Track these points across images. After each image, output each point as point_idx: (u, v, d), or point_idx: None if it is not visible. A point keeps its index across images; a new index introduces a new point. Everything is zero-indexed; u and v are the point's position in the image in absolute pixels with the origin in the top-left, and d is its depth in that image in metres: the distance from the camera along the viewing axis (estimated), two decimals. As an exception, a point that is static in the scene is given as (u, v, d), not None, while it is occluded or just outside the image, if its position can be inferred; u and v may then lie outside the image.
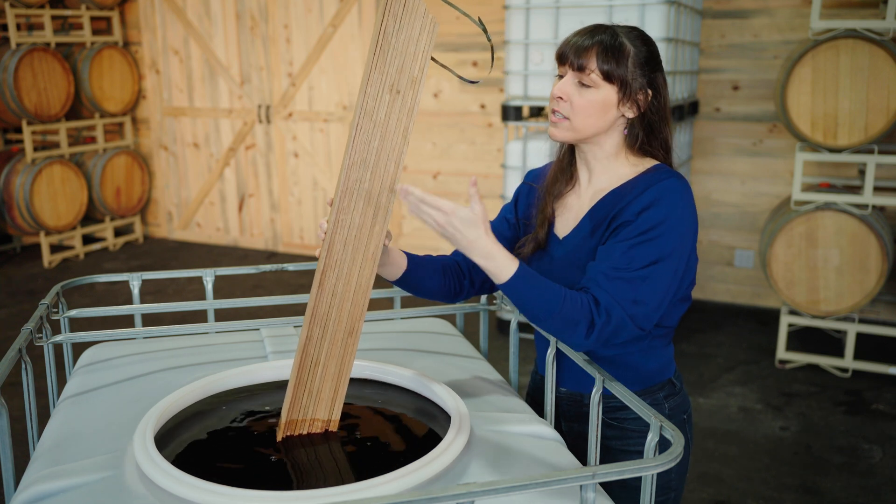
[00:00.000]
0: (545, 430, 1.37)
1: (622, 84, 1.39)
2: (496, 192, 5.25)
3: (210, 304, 1.87)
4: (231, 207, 6.54)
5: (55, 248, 6.35)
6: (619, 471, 1.02)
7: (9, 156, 6.06)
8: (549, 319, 1.31)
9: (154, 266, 5.97)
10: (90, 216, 6.50)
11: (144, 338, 1.86)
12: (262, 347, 1.77)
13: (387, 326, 1.93)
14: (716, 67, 4.75)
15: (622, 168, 1.47)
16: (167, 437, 1.33)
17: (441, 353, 1.76)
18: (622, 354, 1.48)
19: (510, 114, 4.11)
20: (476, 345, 2.39)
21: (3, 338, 4.43)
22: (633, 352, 1.49)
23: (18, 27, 5.91)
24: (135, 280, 1.90)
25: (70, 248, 6.32)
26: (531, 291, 1.30)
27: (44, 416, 2.08)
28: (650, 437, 1.17)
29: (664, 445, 1.13)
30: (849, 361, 3.89)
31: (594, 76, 1.39)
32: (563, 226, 1.52)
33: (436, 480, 1.17)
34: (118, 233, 6.83)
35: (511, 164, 4.13)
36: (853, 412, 3.54)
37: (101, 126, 6.41)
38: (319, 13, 5.81)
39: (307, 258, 6.15)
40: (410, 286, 1.54)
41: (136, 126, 6.81)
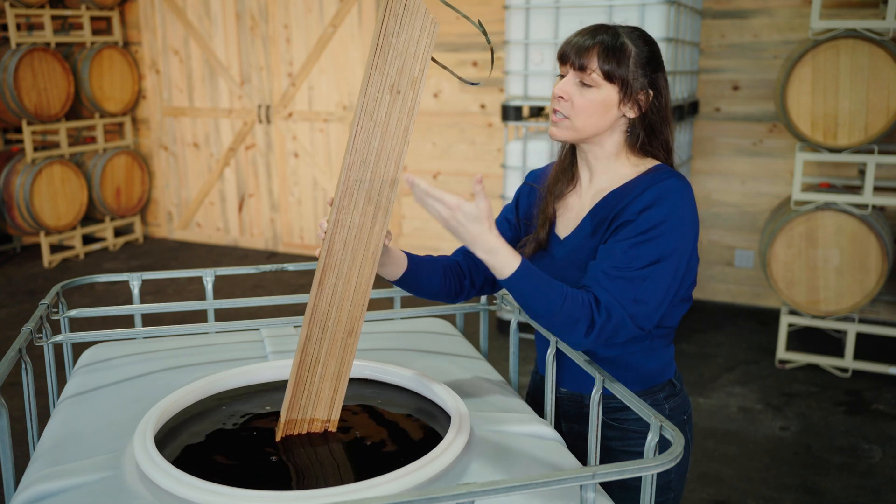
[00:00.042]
0: (545, 430, 1.37)
1: (623, 84, 1.39)
2: (496, 192, 5.25)
3: (210, 304, 1.87)
4: (231, 207, 6.54)
5: (55, 248, 6.35)
6: (619, 471, 1.02)
7: (9, 156, 6.06)
8: (550, 317, 1.31)
9: (154, 266, 5.97)
10: (90, 216, 6.50)
11: (144, 338, 1.86)
12: (262, 347, 1.77)
13: (387, 326, 1.93)
14: (716, 67, 4.75)
15: (623, 168, 1.47)
16: (167, 437, 1.33)
17: (441, 353, 1.76)
18: (623, 355, 1.48)
19: (510, 114, 4.11)
20: (476, 345, 2.39)
21: (3, 338, 4.43)
22: (634, 352, 1.49)
23: (18, 27, 5.91)
24: (135, 280, 1.90)
25: (70, 248, 6.32)
26: (533, 288, 1.30)
27: (44, 416, 2.08)
28: (650, 437, 1.17)
29: (664, 445, 1.13)
30: (849, 361, 3.89)
31: (595, 76, 1.39)
32: (565, 226, 1.52)
33: (436, 480, 1.17)
34: (118, 233, 6.83)
35: (511, 164, 4.13)
36: (853, 412, 3.54)
37: (101, 126, 6.41)
38: (319, 13, 5.81)
39: (307, 258, 6.15)
40: (411, 286, 1.54)
41: (136, 126, 6.81)
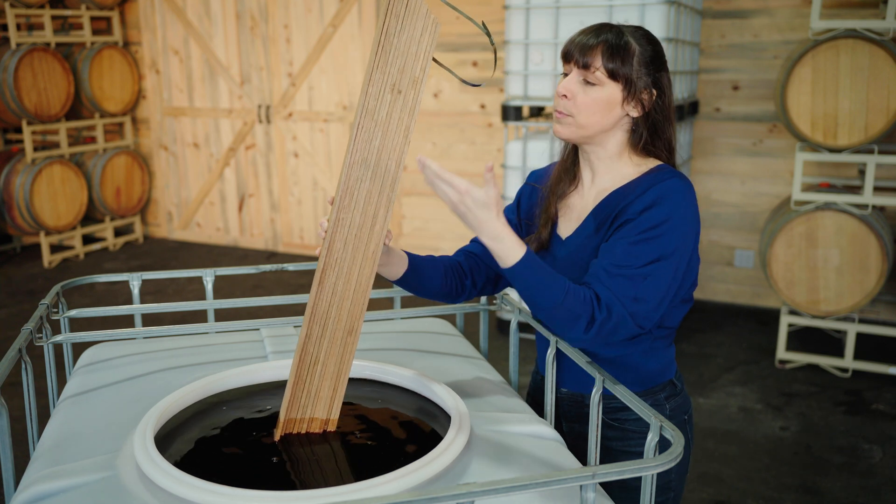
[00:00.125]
0: (545, 430, 1.37)
1: (627, 83, 1.39)
2: (496, 192, 5.25)
3: (210, 304, 1.87)
4: (231, 207, 6.54)
5: (55, 248, 6.35)
6: (619, 471, 1.02)
7: (9, 156, 6.06)
8: (552, 310, 1.31)
9: (154, 266, 5.97)
10: (90, 216, 6.50)
11: (144, 338, 1.86)
12: (262, 347, 1.77)
13: (387, 326, 1.93)
14: (716, 67, 4.75)
15: (625, 168, 1.47)
16: (167, 437, 1.33)
17: (441, 353, 1.76)
18: (623, 355, 1.48)
19: (510, 114, 4.11)
20: (476, 345, 2.39)
21: (3, 338, 4.43)
22: (635, 353, 1.49)
23: (18, 27, 5.91)
24: (135, 280, 1.90)
25: (70, 248, 6.32)
26: (537, 280, 1.30)
27: (44, 416, 2.08)
28: (650, 437, 1.16)
29: (664, 445, 1.13)
30: (849, 361, 3.89)
31: (599, 74, 1.39)
32: (566, 226, 1.52)
33: (436, 480, 1.17)
34: (118, 233, 6.83)
35: (511, 164, 4.13)
36: (853, 412, 3.54)
37: (101, 126, 6.41)
38: (319, 13, 5.81)
39: (307, 258, 6.15)
40: (411, 286, 1.54)
41: (136, 126, 6.81)
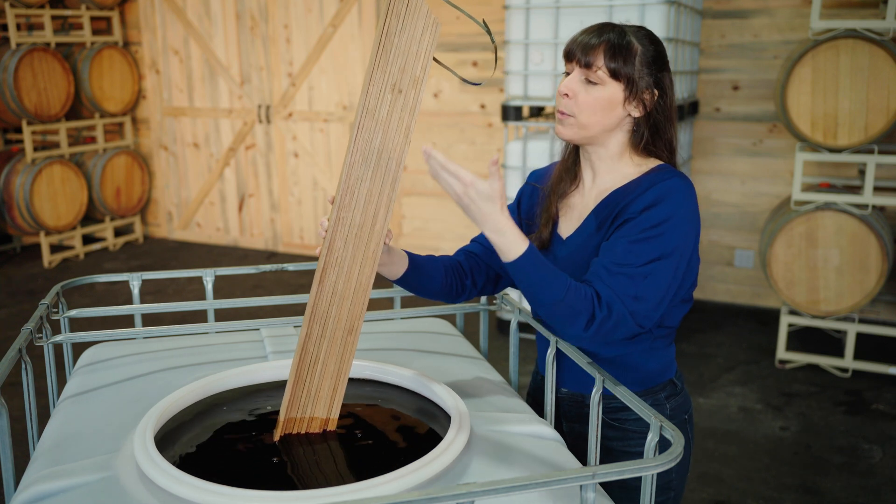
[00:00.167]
0: (545, 430, 1.37)
1: (629, 82, 1.39)
2: (496, 192, 5.25)
3: (210, 304, 1.87)
4: (231, 207, 6.54)
5: (55, 248, 6.35)
6: (619, 471, 1.02)
7: (9, 156, 6.06)
8: (553, 306, 1.31)
9: (154, 266, 5.97)
10: (90, 216, 6.50)
11: (144, 338, 1.86)
12: (262, 347, 1.77)
13: (387, 326, 1.93)
14: (716, 67, 4.75)
15: (626, 168, 1.47)
16: (167, 437, 1.33)
17: (441, 353, 1.76)
18: (623, 355, 1.48)
19: (510, 114, 4.11)
20: (476, 345, 2.39)
21: (3, 338, 4.43)
22: (635, 352, 1.49)
23: (18, 27, 5.91)
24: (135, 280, 1.90)
25: (70, 248, 6.32)
26: (538, 274, 1.30)
27: (44, 416, 2.08)
28: (650, 437, 1.16)
29: (664, 445, 1.13)
30: (849, 361, 3.89)
31: (601, 73, 1.39)
32: (567, 225, 1.52)
33: (436, 480, 1.17)
34: (118, 233, 6.83)
35: (511, 164, 4.13)
36: (853, 412, 3.54)
37: (101, 126, 6.41)
38: (319, 13, 5.81)
39: (307, 258, 6.15)
40: (412, 285, 1.53)
41: (136, 126, 6.81)
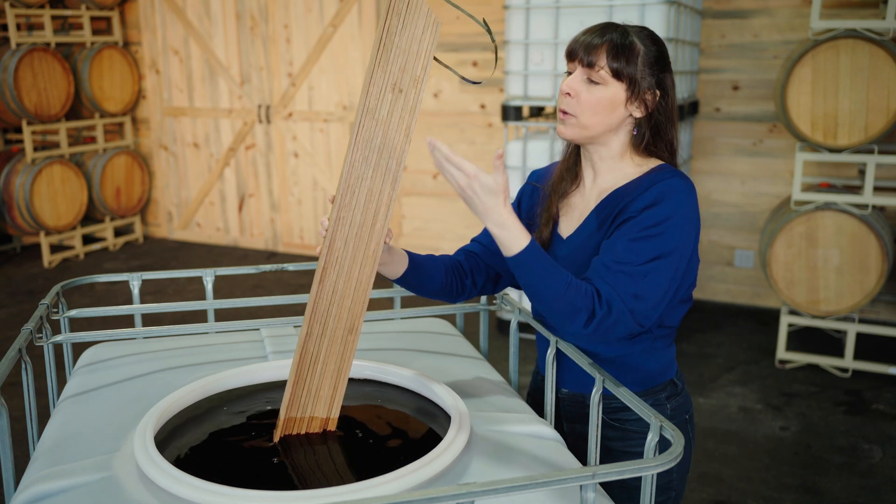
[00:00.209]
0: (545, 430, 1.37)
1: (631, 82, 1.39)
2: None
3: (210, 304, 1.87)
4: (231, 207, 6.54)
5: (55, 248, 6.35)
6: (619, 471, 1.02)
7: (9, 156, 6.06)
8: (553, 302, 1.31)
9: (154, 266, 5.97)
10: (90, 216, 6.50)
11: (144, 338, 1.86)
12: (262, 347, 1.77)
13: (387, 326, 1.93)
14: (716, 67, 4.75)
15: (627, 168, 1.47)
16: (167, 438, 1.33)
17: (441, 353, 1.76)
18: (624, 355, 1.48)
19: (510, 114, 4.11)
20: (476, 345, 2.39)
21: (3, 338, 4.43)
22: (635, 352, 1.48)
23: (18, 27, 5.91)
24: (135, 280, 1.90)
25: (70, 248, 6.32)
26: (539, 269, 1.30)
27: (44, 416, 2.08)
28: (650, 437, 1.16)
29: (665, 445, 1.13)
30: (849, 361, 3.89)
31: (603, 73, 1.39)
32: (568, 225, 1.52)
33: (436, 480, 1.17)
34: (118, 233, 6.83)
35: (511, 164, 4.12)
36: (853, 412, 3.54)
37: (101, 126, 6.41)
38: (319, 13, 5.81)
39: (307, 258, 6.15)
40: (412, 285, 1.54)
41: (136, 126, 6.81)
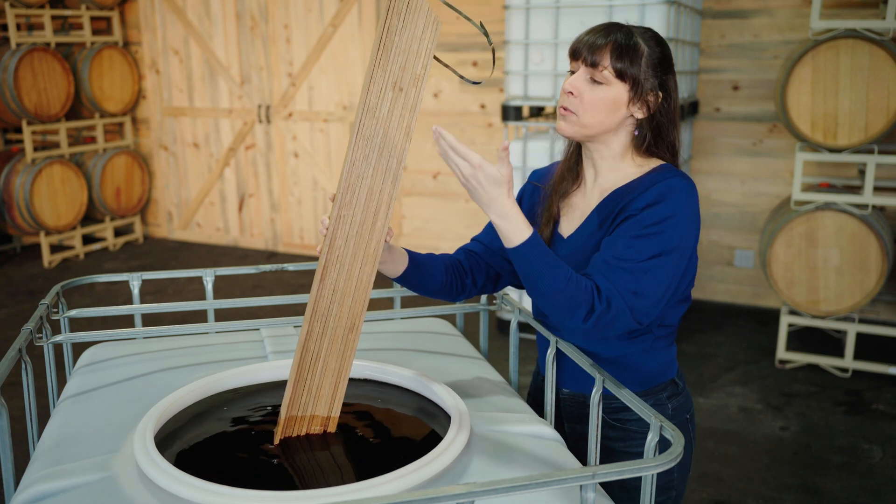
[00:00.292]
0: (545, 430, 1.37)
1: (634, 83, 1.39)
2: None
3: (210, 304, 1.87)
4: (231, 207, 6.54)
5: (55, 248, 6.35)
6: (619, 471, 1.02)
7: (9, 156, 6.06)
8: (553, 295, 1.31)
9: (154, 266, 5.97)
10: (90, 216, 6.50)
11: (144, 338, 1.86)
12: (262, 347, 1.77)
13: (387, 326, 1.93)
14: (716, 67, 4.75)
15: (628, 168, 1.47)
16: (167, 438, 1.33)
17: (441, 353, 1.76)
18: (624, 355, 1.48)
19: (510, 114, 4.11)
20: (476, 345, 2.39)
21: (3, 338, 4.43)
22: (636, 352, 1.48)
23: (18, 27, 5.91)
24: (135, 280, 1.90)
25: (70, 248, 6.32)
26: (540, 262, 1.30)
27: (44, 416, 2.08)
28: (650, 437, 1.16)
29: (665, 445, 1.13)
30: (849, 361, 3.89)
31: (606, 73, 1.39)
32: (569, 224, 1.52)
33: (436, 480, 1.17)
34: (118, 233, 6.83)
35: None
36: (853, 412, 3.54)
37: (101, 126, 6.41)
38: (319, 13, 5.81)
39: (307, 258, 6.15)
40: (412, 284, 1.53)
41: (136, 126, 6.81)
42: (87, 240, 6.59)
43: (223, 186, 6.53)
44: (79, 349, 1.91)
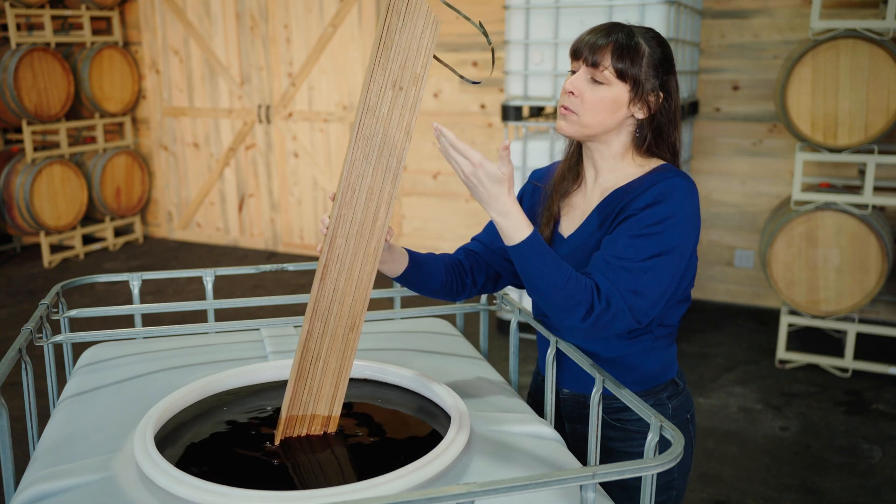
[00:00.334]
0: (545, 430, 1.37)
1: (635, 83, 1.39)
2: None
3: (210, 304, 1.87)
4: (231, 207, 6.54)
5: (55, 248, 6.35)
6: (619, 471, 1.02)
7: (9, 156, 6.06)
8: (552, 294, 1.31)
9: (154, 266, 5.97)
10: (90, 216, 6.50)
11: (144, 338, 1.86)
12: (262, 347, 1.77)
13: (387, 326, 1.93)
14: (716, 67, 4.75)
15: (629, 168, 1.47)
16: (167, 438, 1.33)
17: (441, 353, 1.76)
18: (625, 355, 1.48)
19: (510, 114, 4.11)
20: (476, 345, 2.39)
21: (3, 338, 4.43)
22: (636, 352, 1.48)
23: (18, 27, 5.91)
24: (135, 280, 1.90)
25: (70, 248, 6.32)
26: (540, 260, 1.31)
27: (44, 416, 2.08)
28: (650, 437, 1.16)
29: (665, 445, 1.13)
30: (849, 361, 3.89)
31: (607, 73, 1.39)
32: (569, 224, 1.52)
33: (436, 480, 1.17)
34: (118, 233, 6.83)
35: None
36: (853, 412, 3.54)
37: (101, 126, 6.41)
38: (319, 13, 5.81)
39: (307, 258, 6.15)
40: (412, 283, 1.53)
41: (136, 126, 6.81)
42: (87, 240, 6.59)
43: (223, 186, 6.53)
44: (79, 349, 1.91)
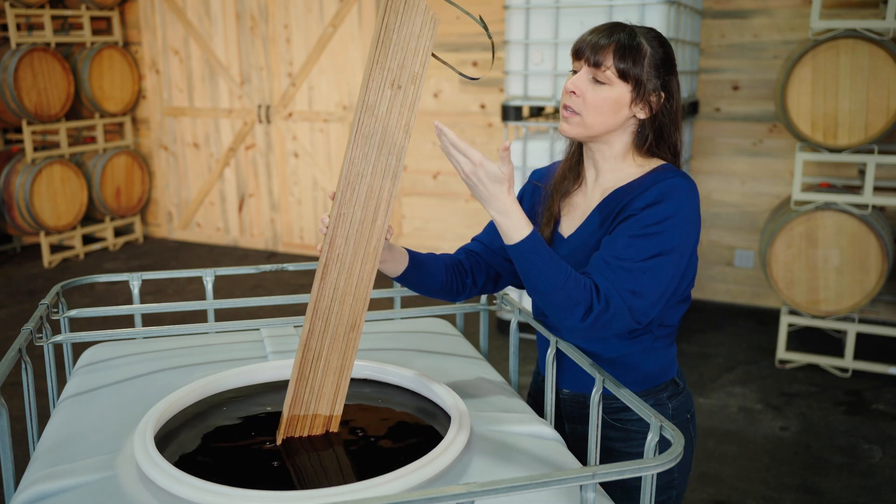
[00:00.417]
0: (545, 430, 1.37)
1: (637, 83, 1.39)
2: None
3: (210, 304, 1.87)
4: (231, 207, 6.54)
5: (55, 248, 6.35)
6: (619, 471, 1.02)
7: (9, 156, 6.06)
8: (551, 293, 1.31)
9: (154, 266, 5.97)
10: (90, 216, 6.50)
11: (144, 338, 1.86)
12: (262, 347, 1.77)
13: (387, 326, 1.93)
14: (716, 67, 4.75)
15: (629, 168, 1.47)
16: (167, 438, 1.33)
17: (441, 353, 1.76)
18: (625, 355, 1.48)
19: (510, 114, 4.11)
20: (476, 345, 2.39)
21: (3, 338, 4.43)
22: (636, 352, 1.48)
23: (18, 27, 5.91)
24: (135, 280, 1.90)
25: (70, 248, 6.32)
26: (540, 259, 1.31)
27: (44, 416, 2.08)
28: (650, 437, 1.16)
29: (665, 445, 1.13)
30: (849, 361, 3.89)
31: (609, 73, 1.39)
32: (569, 224, 1.52)
33: (436, 480, 1.17)
34: (118, 233, 6.83)
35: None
36: (853, 412, 3.54)
37: (101, 126, 6.41)
38: (319, 13, 5.81)
39: (307, 258, 6.15)
40: (412, 283, 1.53)
41: (136, 126, 6.81)
42: (87, 240, 6.59)
43: (223, 186, 6.53)
44: (79, 349, 1.91)
